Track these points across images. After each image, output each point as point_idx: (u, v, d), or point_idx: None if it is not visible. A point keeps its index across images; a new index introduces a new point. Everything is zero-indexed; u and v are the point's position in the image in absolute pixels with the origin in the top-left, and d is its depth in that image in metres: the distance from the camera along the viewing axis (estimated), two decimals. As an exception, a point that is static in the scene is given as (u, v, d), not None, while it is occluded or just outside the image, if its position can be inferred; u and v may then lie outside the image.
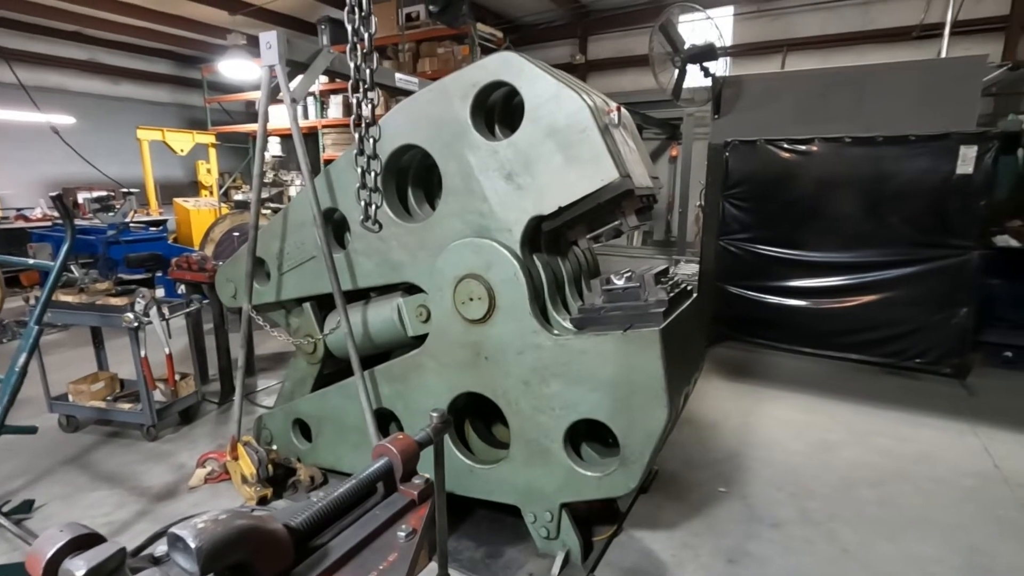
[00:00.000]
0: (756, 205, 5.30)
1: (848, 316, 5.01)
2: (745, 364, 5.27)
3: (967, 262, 4.50)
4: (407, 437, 1.15)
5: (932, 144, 4.50)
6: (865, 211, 4.86)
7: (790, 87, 5.40)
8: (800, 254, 5.15)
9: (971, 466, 3.41)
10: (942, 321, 4.66)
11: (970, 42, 7.82)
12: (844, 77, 5.21)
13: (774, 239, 5.25)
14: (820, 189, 5.00)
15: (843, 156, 4.88)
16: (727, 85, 5.60)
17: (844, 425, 3.94)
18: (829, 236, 5.02)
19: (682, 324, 2.36)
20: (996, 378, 4.85)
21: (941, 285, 4.61)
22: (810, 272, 5.13)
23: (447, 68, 8.80)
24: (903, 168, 4.66)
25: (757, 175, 5.25)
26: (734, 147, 5.32)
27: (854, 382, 4.80)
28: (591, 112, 2.19)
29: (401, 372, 2.74)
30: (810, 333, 5.22)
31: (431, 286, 2.56)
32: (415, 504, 1.07)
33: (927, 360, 4.78)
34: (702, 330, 2.79)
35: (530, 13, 10.84)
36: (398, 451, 1.10)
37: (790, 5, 9.10)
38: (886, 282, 4.82)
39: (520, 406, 2.41)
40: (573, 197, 2.23)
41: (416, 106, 2.54)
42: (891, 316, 4.84)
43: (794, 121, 5.28)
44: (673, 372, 2.19)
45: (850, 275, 4.96)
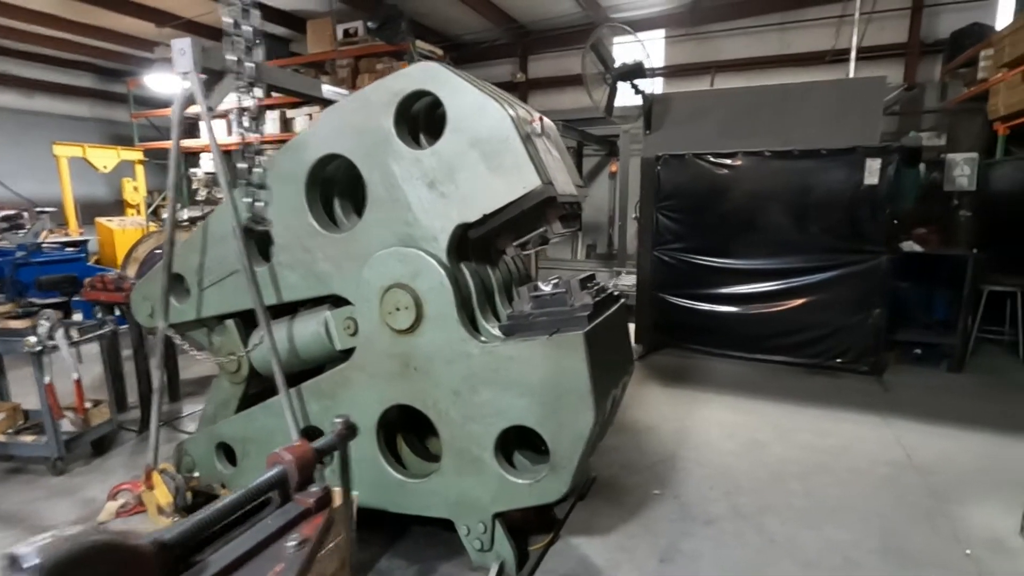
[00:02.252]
0: (687, 216, 5.52)
1: (775, 320, 5.27)
2: (682, 370, 5.42)
3: (878, 266, 4.83)
4: (304, 444, 1.10)
5: (841, 157, 4.83)
6: (787, 220, 5.15)
7: (715, 104, 5.70)
8: (729, 262, 5.38)
9: (886, 456, 3.62)
10: (858, 322, 4.97)
11: (876, 66, 8.48)
12: (764, 95, 5.55)
13: (705, 248, 5.48)
14: (745, 200, 5.27)
15: (764, 169, 5.17)
16: (656, 102, 5.85)
17: (773, 424, 4.11)
18: (756, 244, 5.29)
19: (608, 328, 2.41)
20: (908, 374, 5.20)
21: (856, 288, 4.93)
22: (739, 279, 5.37)
23: (387, 84, 8.77)
24: (818, 180, 4.97)
25: (687, 187, 5.48)
26: (665, 161, 5.54)
27: (782, 383, 5.02)
28: (513, 122, 2.22)
29: (329, 388, 2.65)
30: (741, 338, 5.45)
31: (358, 297, 2.51)
32: (311, 513, 1.03)
33: (847, 360, 5.07)
34: (628, 334, 2.85)
35: (470, 31, 10.99)
36: (293, 459, 1.06)
37: (716, 30, 9.63)
38: (808, 287, 5.11)
39: (451, 416, 2.38)
40: (497, 204, 2.25)
41: (339, 115, 2.50)
42: (813, 319, 5.12)
43: (720, 136, 5.56)
44: (599, 375, 2.23)
45: (776, 281, 5.23)
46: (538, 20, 10.66)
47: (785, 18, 9.16)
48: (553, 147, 2.58)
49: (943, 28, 8.29)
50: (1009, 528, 2.83)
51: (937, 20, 8.39)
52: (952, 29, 8.04)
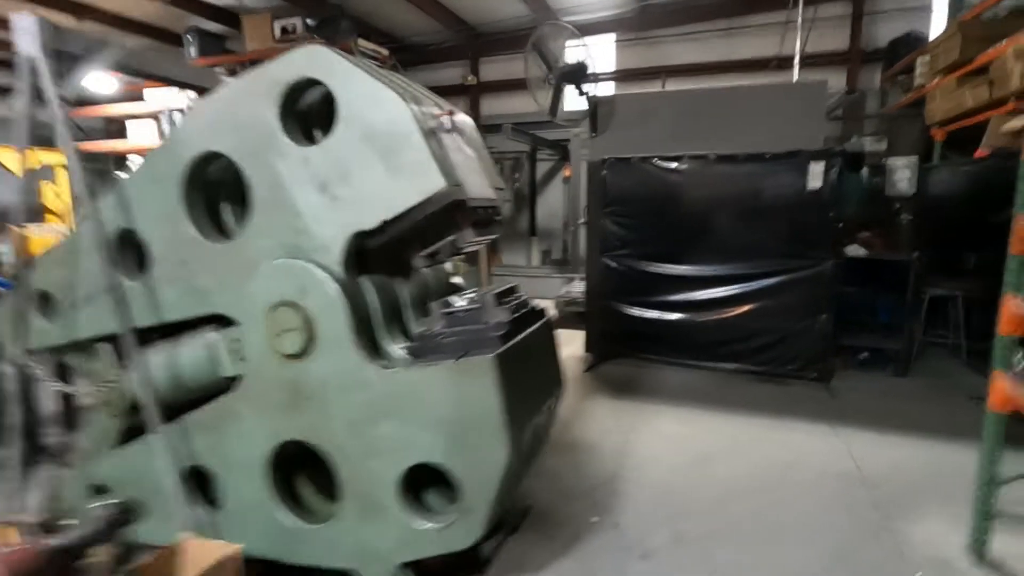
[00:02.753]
0: (635, 221, 5.36)
1: (725, 328, 5.14)
2: (632, 380, 5.23)
3: (824, 271, 4.76)
4: (26, 549, 0.79)
5: (785, 161, 4.75)
6: (734, 225, 5.04)
7: (661, 107, 5.56)
8: (678, 268, 5.24)
9: (835, 468, 3.48)
10: (806, 329, 4.89)
11: (819, 73, 8.54)
12: (709, 98, 5.44)
13: (654, 254, 5.32)
14: (692, 205, 5.14)
15: (710, 173, 5.05)
16: (602, 104, 5.67)
17: (720, 436, 3.94)
18: (704, 250, 5.16)
19: (528, 347, 2.15)
20: (855, 379, 5.15)
21: (803, 294, 4.85)
22: (689, 286, 5.23)
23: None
24: (763, 184, 4.88)
25: (634, 192, 5.32)
26: (611, 165, 5.36)
27: (732, 391, 4.89)
28: (413, 114, 1.95)
29: (214, 421, 2.30)
30: (692, 346, 5.31)
31: (242, 317, 2.18)
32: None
33: (795, 367, 4.99)
34: (555, 352, 2.59)
35: (418, 33, 10.69)
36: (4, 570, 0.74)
37: (664, 34, 9.62)
38: (756, 293, 5.00)
39: (348, 453, 2.07)
40: (397, 209, 1.97)
41: (215, 107, 2.17)
42: (762, 326, 5.02)
43: (666, 139, 5.42)
44: (516, 402, 1.96)
45: (724, 288, 5.11)
46: (488, 22, 10.45)
47: (731, 24, 9.21)
48: (468, 145, 2.31)
49: (882, 36, 8.47)
50: (955, 545, 2.71)
51: (876, 29, 8.57)
52: (890, 38, 8.23)
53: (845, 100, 5.91)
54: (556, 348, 2.55)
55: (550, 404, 2.43)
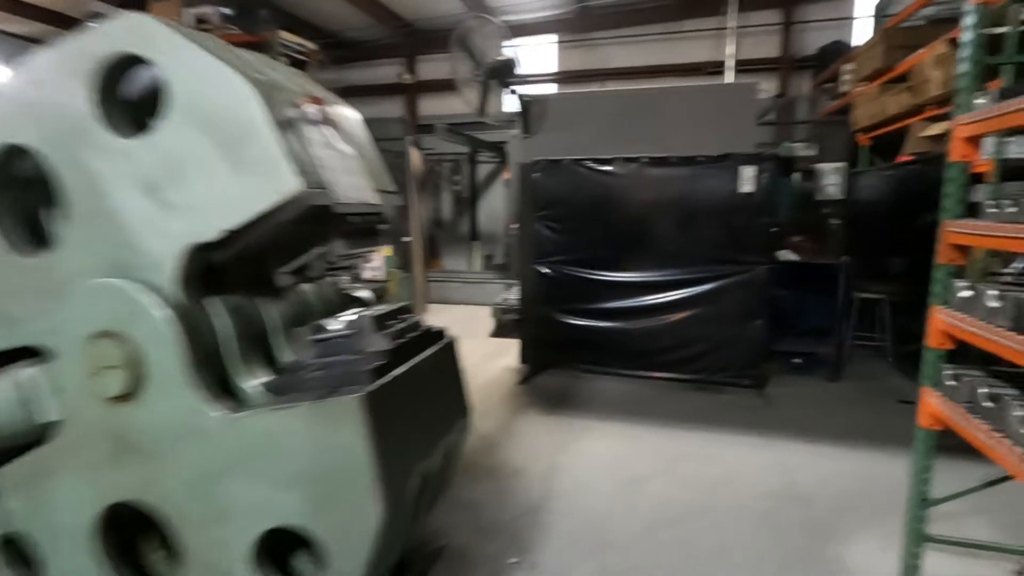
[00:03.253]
0: (567, 226, 5.13)
1: (660, 335, 4.98)
2: (566, 393, 4.99)
3: (757, 277, 4.67)
4: None
5: (717, 164, 4.63)
6: (668, 230, 4.89)
7: (594, 107, 5.38)
8: (613, 275, 5.04)
9: (767, 485, 3.34)
10: (740, 335, 4.78)
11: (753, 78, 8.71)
12: (642, 98, 5.29)
13: (587, 260, 5.11)
14: (626, 209, 4.96)
15: (643, 176, 4.89)
16: (534, 104, 5.43)
17: (654, 453, 3.74)
18: (638, 256, 4.99)
19: (416, 380, 1.83)
20: (789, 385, 5.10)
21: (737, 300, 4.74)
22: (623, 293, 5.04)
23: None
24: (696, 187, 4.75)
25: (566, 195, 5.09)
26: (543, 167, 5.12)
27: (668, 402, 4.73)
28: (263, 100, 1.59)
29: (28, 478, 1.86)
30: (628, 354, 5.12)
31: (58, 350, 1.75)
32: None
33: (730, 374, 4.88)
34: (458, 382, 2.27)
35: (351, 28, 10.19)
36: None
37: (604, 37, 9.55)
38: (690, 300, 4.86)
39: (189, 517, 1.69)
40: (242, 217, 1.60)
41: (17, 90, 1.74)
42: (697, 333, 4.89)
43: (599, 141, 5.24)
44: (394, 448, 1.64)
45: (659, 294, 4.95)
46: (425, 19, 10.08)
47: (668, 28, 9.22)
48: (345, 142, 1.97)
49: (811, 44, 8.67)
50: (890, 570, 2.57)
51: (805, 37, 8.76)
52: (818, 46, 8.42)
53: (776, 104, 5.91)
54: (459, 376, 2.24)
55: (450, 442, 2.11)
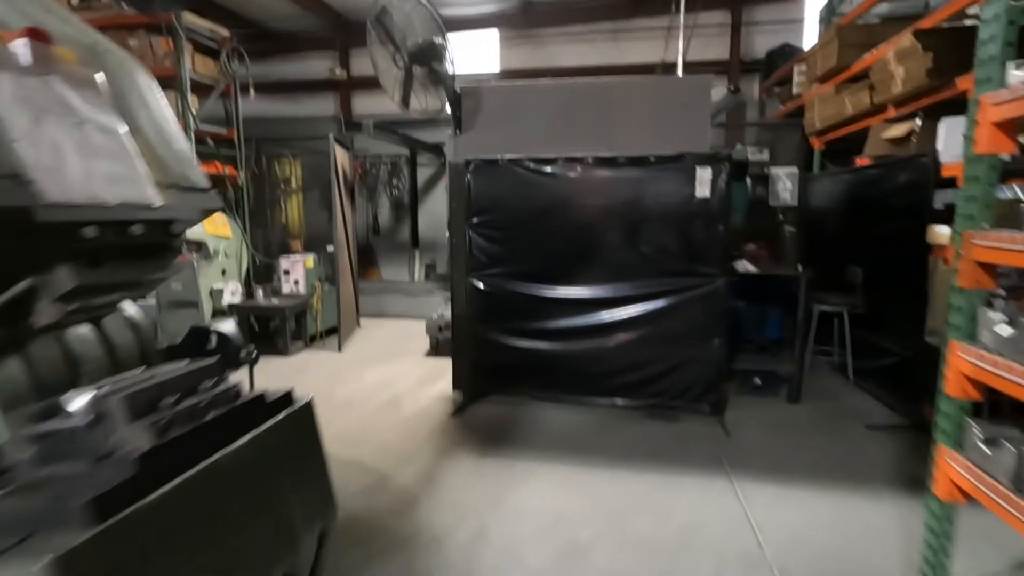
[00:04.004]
0: (505, 234, 4.51)
1: (610, 357, 4.43)
2: (503, 426, 4.35)
3: (715, 291, 4.18)
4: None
5: (670, 166, 4.13)
6: (617, 239, 4.34)
7: (535, 101, 4.79)
8: (557, 290, 4.45)
9: (734, 546, 2.80)
10: (698, 355, 4.28)
11: (702, 80, 8.42)
12: (588, 92, 4.74)
13: (528, 273, 4.50)
14: (570, 215, 4.38)
15: (590, 178, 4.33)
16: (466, 97, 4.80)
17: (602, 506, 3.15)
18: (585, 268, 4.42)
19: (201, 497, 1.13)
20: (749, 408, 4.64)
21: (694, 317, 4.24)
22: (569, 310, 4.46)
23: (144, 64, 6.80)
24: (648, 192, 4.23)
25: (503, 199, 4.48)
26: (476, 167, 4.49)
27: (618, 434, 4.16)
28: None
29: None
30: (575, 379, 4.54)
31: None
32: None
33: (687, 399, 4.37)
34: (314, 465, 1.59)
35: (276, 18, 9.29)
36: None
37: (550, 33, 9.06)
38: (644, 317, 4.33)
39: None
40: None
41: None
42: (651, 354, 4.36)
43: (541, 139, 4.66)
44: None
45: (608, 311, 4.39)
46: (358, 10, 9.27)
47: (617, 27, 8.84)
48: (97, 108, 1.26)
49: (759, 47, 8.45)
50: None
51: (753, 40, 8.55)
52: (767, 48, 8.20)
53: (730, 100, 5.52)
54: (313, 460, 1.55)
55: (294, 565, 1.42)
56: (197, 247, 6.45)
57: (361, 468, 3.58)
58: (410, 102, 4.43)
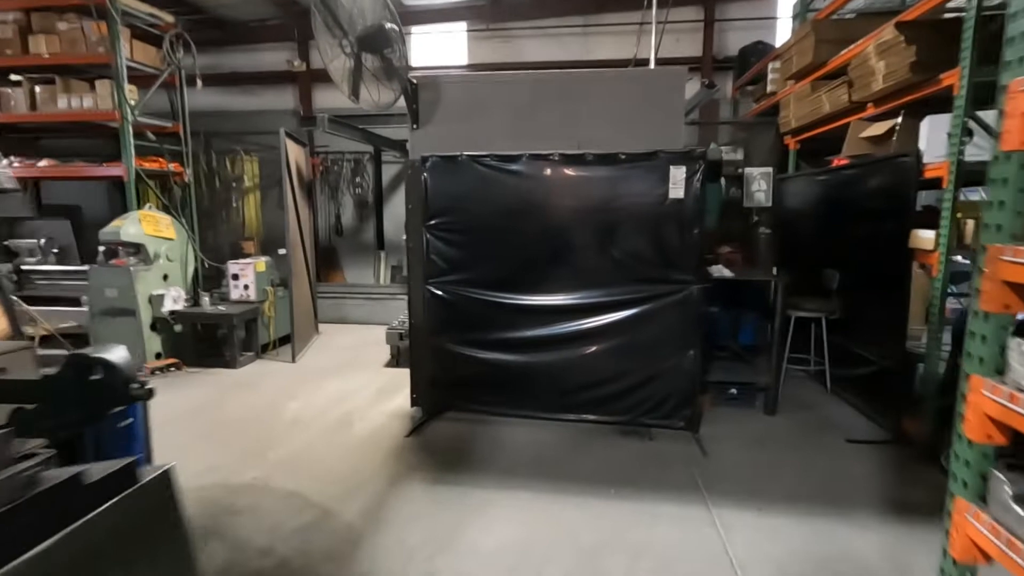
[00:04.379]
0: (465, 237, 4.17)
1: (578, 370, 4.12)
2: (463, 446, 4.01)
3: (690, 298, 3.91)
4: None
5: (642, 164, 3.84)
6: (587, 242, 4.04)
7: (498, 94, 4.45)
8: (521, 298, 4.13)
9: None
10: (672, 367, 4.01)
11: (675, 78, 8.20)
12: (555, 85, 4.42)
13: (490, 280, 4.16)
14: (536, 217, 4.06)
15: (557, 177, 4.01)
16: (424, 88, 4.44)
17: (568, 543, 2.83)
18: (552, 274, 4.10)
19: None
20: (725, 422, 4.40)
21: (668, 326, 3.96)
22: (534, 319, 4.13)
23: (75, 51, 6.25)
24: (618, 192, 3.93)
25: (464, 200, 4.13)
26: (433, 164, 4.13)
27: (587, 454, 3.86)
28: None
29: None
30: (542, 393, 4.22)
31: None
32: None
33: (660, 415, 4.09)
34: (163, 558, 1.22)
35: (227, 5, 8.72)
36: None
37: (518, 27, 8.74)
38: (615, 326, 4.03)
39: None
40: None
41: None
42: (622, 366, 4.07)
43: (505, 134, 4.33)
44: None
45: (578, 320, 4.08)
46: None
47: (587, 21, 8.56)
48: None
49: (732, 45, 8.28)
50: None
51: (726, 38, 8.38)
52: (740, 46, 8.03)
53: (705, 95, 5.27)
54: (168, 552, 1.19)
55: None
56: (134, 250, 5.93)
57: (301, 502, 3.19)
58: (360, 93, 4.04)
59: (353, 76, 3.97)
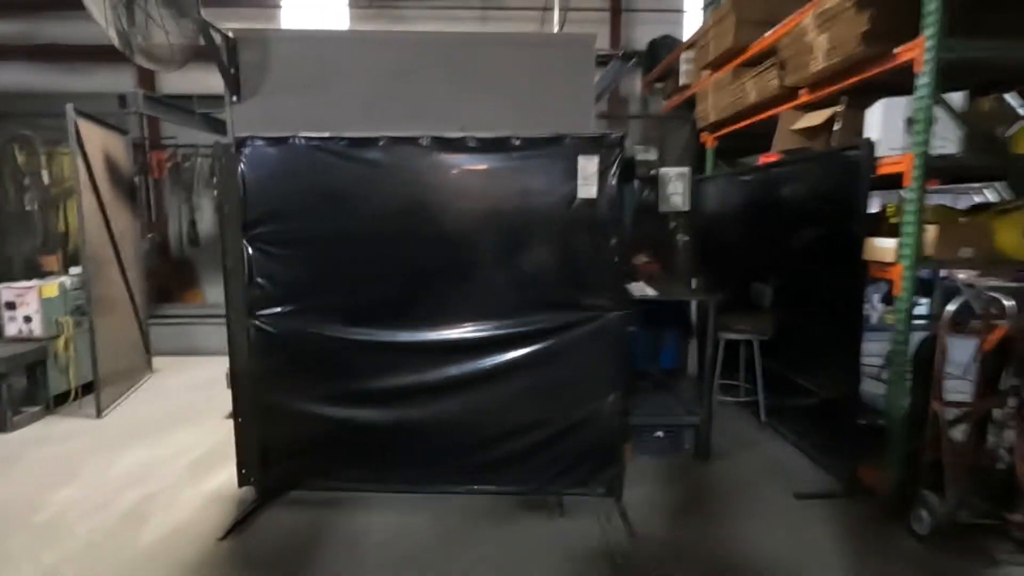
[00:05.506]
0: (304, 252, 2.99)
1: (470, 425, 3.08)
2: (300, 554, 2.82)
3: (607, 327, 3.00)
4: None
5: (543, 153, 2.87)
6: (474, 259, 3.01)
7: (355, 59, 3.34)
8: (384, 333, 3.02)
9: None
10: (588, 418, 3.07)
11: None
12: (433, 50, 3.38)
13: (343, 311, 3.01)
14: (402, 223, 2.98)
15: (429, 168, 2.95)
16: (246, 47, 3.22)
17: None
18: (428, 301, 3.02)
19: None
20: (650, 477, 3.55)
21: (580, 364, 3.02)
22: (403, 362, 3.04)
23: None
24: (512, 189, 2.94)
25: (300, 200, 2.95)
26: (255, 151, 2.92)
27: (475, 549, 2.81)
28: None
29: None
30: (420, 460, 3.14)
31: None
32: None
33: (574, 479, 3.14)
34: None
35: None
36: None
37: (408, 4, 7.64)
38: (513, 368, 3.03)
39: None
40: None
41: None
42: (522, 419, 3.07)
43: (364, 112, 3.23)
44: None
45: (466, 361, 3.04)
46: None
47: (486, 4, 7.64)
48: None
49: (640, 38, 7.70)
50: None
51: (634, 30, 7.78)
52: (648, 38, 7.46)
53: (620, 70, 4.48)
54: None
55: None
56: None
57: None
58: (131, 40, 2.75)
59: (115, 8, 2.68)
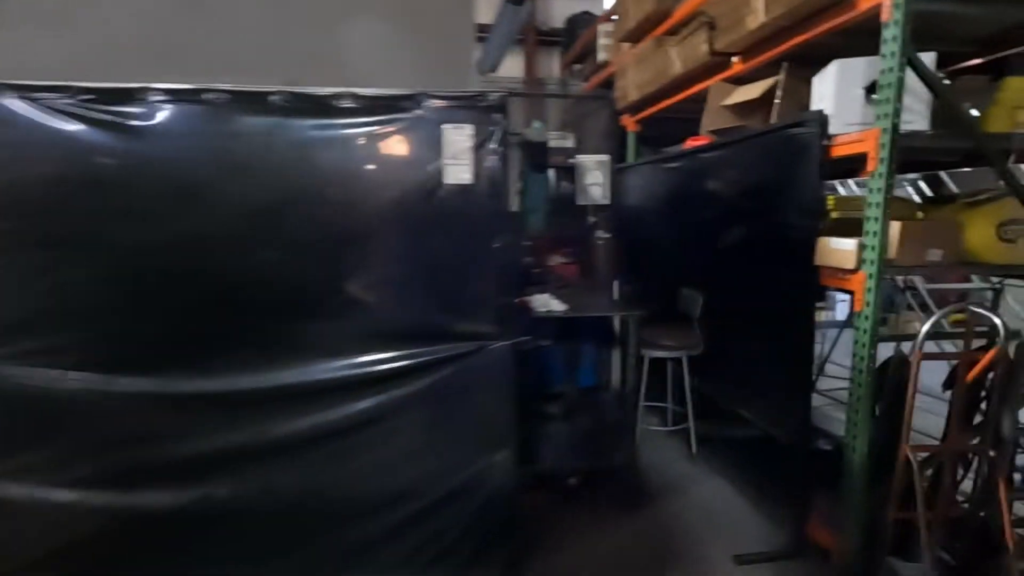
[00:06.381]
0: (27, 262, 1.96)
1: (305, 506, 2.18)
2: None
3: (489, 363, 2.17)
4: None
5: (389, 118, 2.01)
6: (298, 269, 2.10)
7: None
8: (177, 383, 2.04)
9: None
10: (467, 485, 2.25)
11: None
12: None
13: (89, 348, 2.01)
14: (188, 217, 2.00)
15: (226, 136, 2.00)
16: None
17: None
18: (230, 332, 2.08)
19: None
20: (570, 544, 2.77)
21: (456, 413, 2.21)
22: (209, 421, 2.08)
23: None
24: (349, 169, 2.05)
25: (8, 184, 1.92)
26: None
27: None
28: None
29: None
30: (236, 555, 2.20)
31: None
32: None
33: (457, 561, 2.31)
34: None
35: None
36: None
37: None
38: (365, 421, 2.16)
39: None
40: None
41: None
42: (381, 492, 2.21)
43: (154, 58, 2.23)
44: None
45: (298, 414, 2.12)
46: None
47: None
48: None
49: (558, 15, 6.98)
50: None
51: (551, 5, 7.05)
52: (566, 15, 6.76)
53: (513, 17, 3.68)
54: None
55: None
56: None
57: None
58: None
59: None
